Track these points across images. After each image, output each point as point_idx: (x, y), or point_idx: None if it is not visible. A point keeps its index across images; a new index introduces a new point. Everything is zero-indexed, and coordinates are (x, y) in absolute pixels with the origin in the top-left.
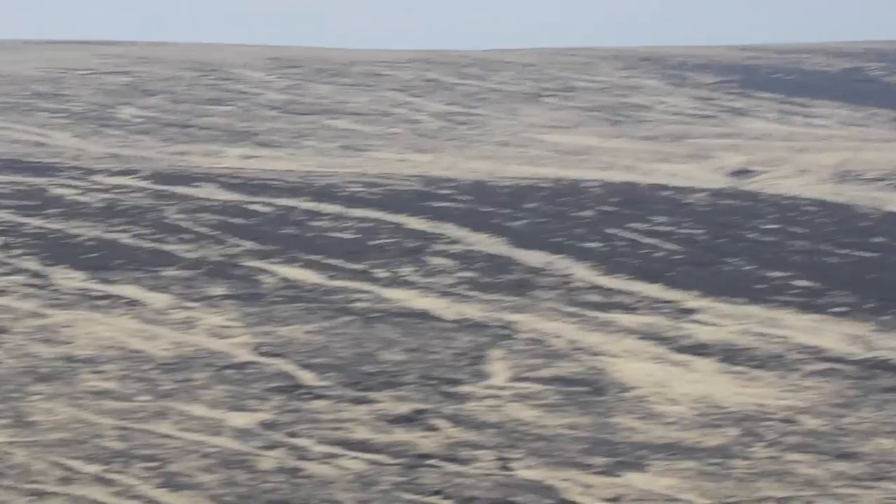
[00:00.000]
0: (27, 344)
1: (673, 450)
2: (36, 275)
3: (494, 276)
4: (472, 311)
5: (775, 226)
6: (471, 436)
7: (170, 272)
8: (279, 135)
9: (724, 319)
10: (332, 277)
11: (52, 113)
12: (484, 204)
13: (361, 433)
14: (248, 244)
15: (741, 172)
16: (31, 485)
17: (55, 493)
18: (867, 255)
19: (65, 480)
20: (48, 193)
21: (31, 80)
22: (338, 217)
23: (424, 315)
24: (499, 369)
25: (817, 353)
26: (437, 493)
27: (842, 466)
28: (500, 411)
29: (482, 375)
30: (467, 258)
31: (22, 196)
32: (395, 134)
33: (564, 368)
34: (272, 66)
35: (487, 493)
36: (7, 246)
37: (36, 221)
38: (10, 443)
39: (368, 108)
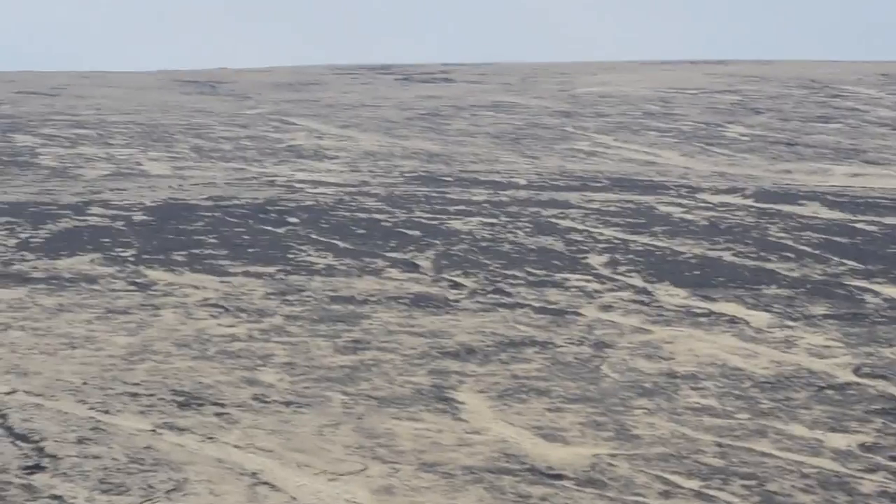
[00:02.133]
0: (631, 359)
1: None
2: (641, 291)
3: None
4: None
5: None
6: None
7: (771, 290)
8: (888, 152)
9: None
10: None
11: (662, 132)
12: None
13: None
14: (851, 263)
15: None
16: (633, 497)
17: None
18: None
19: (665, 494)
20: (655, 211)
21: (642, 100)
22: None
23: None
24: None
25: None
26: None
27: None
28: None
29: None
30: None
31: (630, 214)
32: None
33: None
34: (883, 83)
35: None
36: (614, 262)
37: (642, 239)
38: (614, 455)
39: None
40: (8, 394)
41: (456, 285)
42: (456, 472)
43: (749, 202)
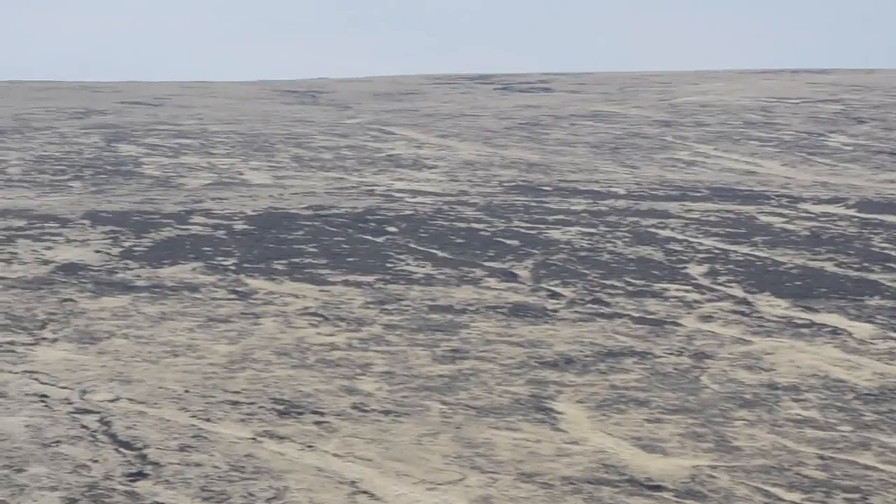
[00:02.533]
0: (731, 370)
1: None
2: (741, 302)
3: None
4: None
5: None
6: None
7: (874, 301)
8: None
9: None
10: None
11: (763, 142)
12: None
13: None
14: None
15: None
16: None
17: None
18: None
19: None
20: (756, 221)
21: (743, 110)
22: None
23: None
24: None
25: None
26: None
27: None
28: None
29: None
30: None
31: (730, 224)
32: None
33: None
34: None
35: None
36: (714, 273)
37: (743, 249)
38: (714, 466)
39: None
40: (112, 401)
41: (554, 295)
42: (555, 483)
43: (852, 212)
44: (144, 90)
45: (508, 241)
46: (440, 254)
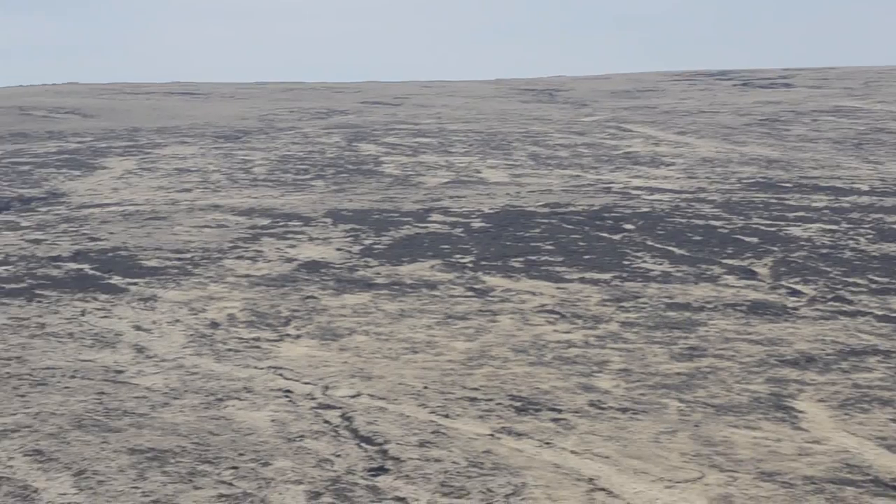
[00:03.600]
0: None
1: None
2: None
3: None
4: None
5: None
6: None
7: None
8: None
9: None
10: None
11: None
12: None
13: None
14: None
15: None
16: None
17: None
18: None
19: None
20: None
21: None
22: None
23: None
24: None
25: None
26: None
27: None
28: None
29: None
30: None
31: None
32: None
33: None
34: None
35: None
36: None
37: None
38: None
39: None
40: (353, 397)
41: (795, 293)
42: (796, 483)
43: None
44: (384, 90)
45: (747, 239)
46: (677, 251)
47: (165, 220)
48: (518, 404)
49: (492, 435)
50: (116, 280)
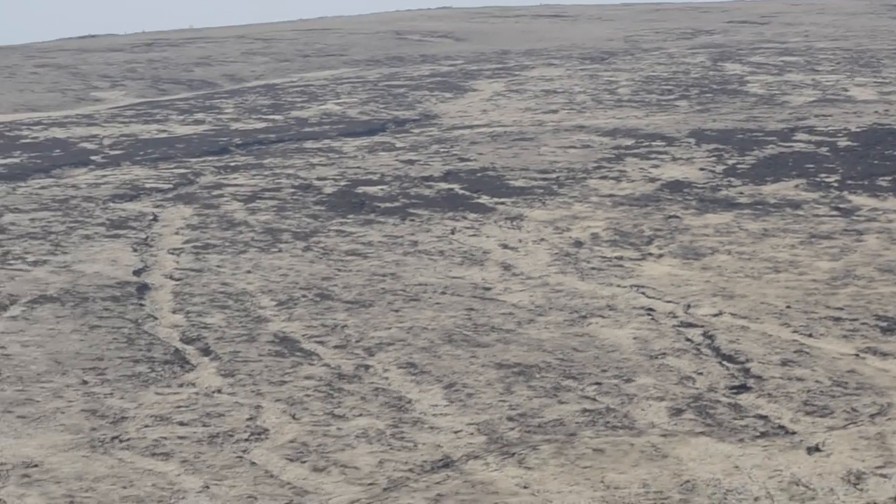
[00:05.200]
0: None
1: None
2: None
3: None
4: None
5: None
6: None
7: None
8: None
9: None
10: None
11: None
12: None
13: None
14: None
15: None
16: None
17: None
18: None
19: None
20: None
21: None
22: None
23: None
24: None
25: None
26: None
27: None
28: None
29: None
30: None
31: None
32: None
33: None
34: None
35: None
36: None
37: None
38: None
39: None
40: (715, 315)
41: None
42: None
43: None
44: (751, 9)
45: None
46: None
47: (532, 140)
48: (884, 324)
49: (856, 355)
50: (484, 199)
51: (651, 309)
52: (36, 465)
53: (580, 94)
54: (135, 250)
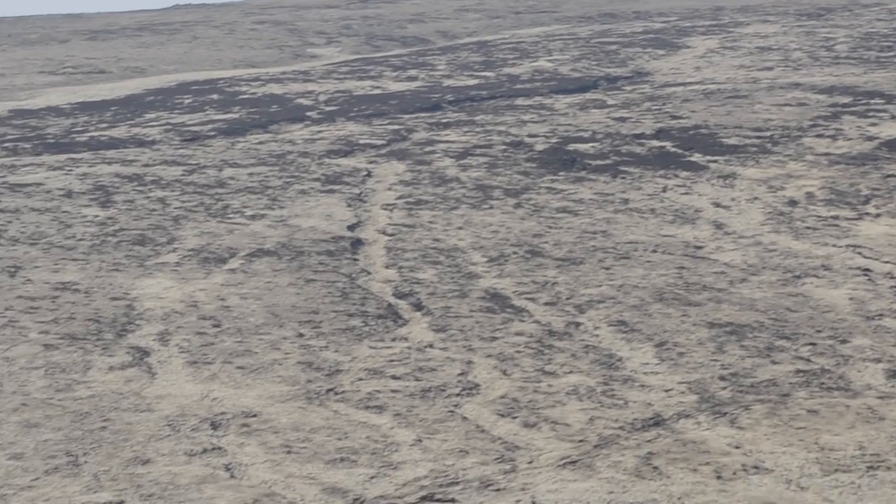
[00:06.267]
0: None
1: None
2: None
3: None
4: None
5: None
6: None
7: None
8: None
9: None
10: None
11: None
12: None
13: None
14: None
15: None
16: None
17: None
18: None
19: None
20: None
21: None
22: None
23: None
24: None
25: None
26: None
27: None
28: None
29: None
30: None
31: None
32: None
33: None
34: None
35: None
36: None
37: None
38: None
39: None
40: None
41: None
42: None
43: None
44: None
45: None
46: None
47: (746, 98)
48: None
49: None
50: (697, 157)
51: (868, 269)
52: (255, 415)
53: (796, 51)
54: (349, 205)
